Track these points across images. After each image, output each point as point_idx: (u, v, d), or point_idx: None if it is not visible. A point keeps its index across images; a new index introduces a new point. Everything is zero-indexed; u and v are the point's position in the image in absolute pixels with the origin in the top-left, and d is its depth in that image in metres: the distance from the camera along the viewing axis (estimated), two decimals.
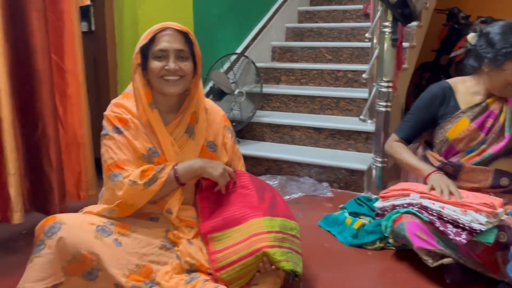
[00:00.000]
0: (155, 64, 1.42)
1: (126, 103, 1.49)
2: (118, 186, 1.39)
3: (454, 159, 1.74)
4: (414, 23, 3.24)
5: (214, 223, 1.44)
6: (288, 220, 1.46)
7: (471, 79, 1.78)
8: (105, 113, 1.49)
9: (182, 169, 1.44)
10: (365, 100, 2.87)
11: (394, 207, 1.67)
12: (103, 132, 1.48)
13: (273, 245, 1.33)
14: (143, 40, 1.43)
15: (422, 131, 1.87)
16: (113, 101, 1.51)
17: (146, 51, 1.44)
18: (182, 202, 1.48)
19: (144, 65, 1.45)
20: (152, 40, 1.42)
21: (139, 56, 1.44)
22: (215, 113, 1.61)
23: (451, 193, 1.56)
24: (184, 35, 1.45)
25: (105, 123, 1.48)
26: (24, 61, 1.72)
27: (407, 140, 1.87)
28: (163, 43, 1.42)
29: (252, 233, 1.37)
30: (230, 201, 1.49)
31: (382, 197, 1.76)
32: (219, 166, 1.48)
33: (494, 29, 1.66)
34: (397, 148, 1.86)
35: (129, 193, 1.39)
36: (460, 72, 1.84)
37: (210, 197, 1.51)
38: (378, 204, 1.77)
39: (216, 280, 1.36)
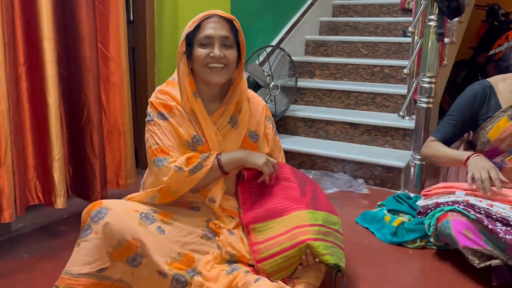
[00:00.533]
0: (200, 52, 1.41)
1: (171, 90, 1.49)
2: (164, 171, 1.39)
3: (498, 160, 1.68)
4: (455, 18, 3.14)
5: (256, 213, 1.43)
6: (330, 215, 1.44)
7: (509, 77, 1.73)
8: (150, 99, 1.49)
9: (226, 159, 1.44)
10: (403, 96, 2.81)
11: (437, 205, 1.63)
12: (147, 118, 1.48)
13: (317, 238, 1.32)
14: (188, 27, 1.42)
15: (462, 133, 1.82)
16: (158, 88, 1.52)
17: (191, 39, 1.43)
18: (224, 191, 1.48)
19: (189, 54, 1.44)
20: (198, 28, 1.41)
21: (184, 44, 1.44)
22: (257, 103, 1.59)
23: (492, 185, 1.50)
24: (230, 22, 1.44)
25: (150, 109, 1.48)
26: (72, 47, 1.75)
27: (445, 142, 1.81)
28: (209, 29, 1.40)
29: (295, 225, 1.35)
30: (272, 193, 1.48)
31: (425, 195, 1.72)
32: (263, 156, 1.47)
33: None
34: (434, 145, 1.80)
35: (174, 178, 1.39)
36: (499, 71, 1.78)
37: (252, 188, 1.50)
38: (421, 202, 1.72)
39: (257, 272, 1.36)
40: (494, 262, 1.45)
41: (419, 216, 1.76)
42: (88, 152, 1.80)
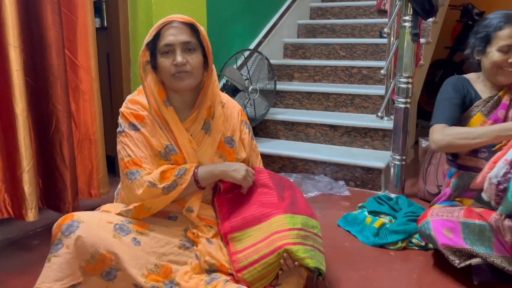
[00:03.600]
0: (164, 62, 1.37)
1: (141, 99, 1.44)
2: (136, 184, 1.35)
3: (482, 154, 1.68)
4: (430, 19, 3.18)
5: (233, 223, 1.40)
6: (309, 218, 1.42)
7: (480, 74, 1.75)
8: (121, 109, 1.45)
9: (203, 175, 1.40)
10: (381, 97, 2.82)
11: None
12: (119, 129, 1.43)
13: (296, 242, 1.29)
14: (148, 37, 1.37)
15: (461, 114, 1.70)
16: (128, 97, 1.47)
17: (153, 48, 1.39)
18: (201, 200, 1.44)
19: (154, 63, 1.40)
20: (157, 36, 1.37)
21: (147, 54, 1.39)
22: (232, 107, 1.56)
23: None
24: (191, 26, 1.39)
25: (120, 120, 1.44)
26: (39, 56, 1.70)
27: (450, 123, 1.65)
28: (168, 37, 1.36)
29: (274, 230, 1.33)
30: (250, 200, 1.45)
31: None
32: (241, 169, 1.43)
33: (481, 20, 1.69)
34: (453, 130, 1.60)
35: (147, 194, 1.35)
36: (473, 70, 1.80)
37: (228, 198, 1.47)
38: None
39: (237, 281, 1.32)
40: (474, 261, 1.45)
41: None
42: (58, 163, 1.75)
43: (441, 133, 1.61)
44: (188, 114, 1.45)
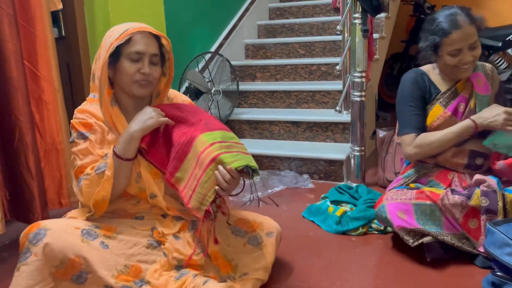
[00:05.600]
0: (130, 67, 1.40)
1: (89, 107, 1.47)
2: (80, 189, 1.38)
3: None
4: (382, 15, 3.32)
5: (169, 168, 1.40)
6: (226, 132, 1.42)
7: (435, 66, 1.81)
8: (71, 120, 1.47)
9: (120, 146, 1.38)
10: (340, 92, 2.93)
11: None
12: (70, 140, 1.46)
13: (221, 153, 1.31)
14: (119, 39, 1.37)
15: (425, 117, 1.76)
16: (77, 108, 1.49)
17: (115, 51, 1.39)
18: (165, 192, 1.46)
19: (110, 62, 1.40)
20: (128, 41, 1.40)
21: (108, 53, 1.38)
22: (182, 101, 1.60)
23: None
24: (158, 39, 1.45)
25: (71, 130, 1.46)
26: None
27: (420, 132, 1.74)
28: (141, 45, 1.40)
29: (199, 152, 1.34)
30: (173, 139, 1.43)
31: None
32: (149, 113, 1.40)
33: (429, 19, 1.74)
34: (424, 138, 1.71)
35: (87, 187, 1.36)
36: (428, 61, 1.86)
37: (156, 149, 1.45)
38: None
39: (191, 215, 1.37)
40: (426, 240, 1.56)
41: None
42: (24, 174, 1.76)
43: (413, 146, 1.72)
44: None
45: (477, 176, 1.66)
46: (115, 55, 1.40)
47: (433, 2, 4.60)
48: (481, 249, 1.53)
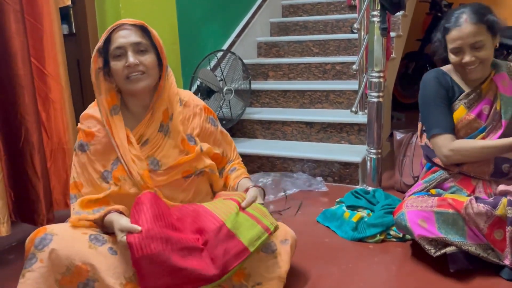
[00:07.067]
0: (117, 65, 1.37)
1: (95, 112, 1.44)
2: (71, 210, 1.39)
3: None
4: (399, 13, 3.22)
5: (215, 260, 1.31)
6: (228, 217, 1.34)
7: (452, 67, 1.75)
8: (78, 125, 1.47)
9: (107, 223, 1.34)
10: (355, 92, 2.85)
11: None
12: (74, 146, 1.47)
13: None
14: (99, 42, 1.37)
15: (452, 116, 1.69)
16: (83, 113, 1.47)
17: (106, 55, 1.38)
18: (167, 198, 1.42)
19: (109, 70, 1.40)
20: (108, 41, 1.37)
21: (99, 60, 1.39)
22: (195, 106, 1.54)
23: None
24: (141, 28, 1.40)
25: (78, 135, 1.47)
26: (4, 65, 1.65)
27: (453, 131, 1.67)
28: (119, 39, 1.36)
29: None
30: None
31: None
32: (122, 227, 1.28)
33: (446, 15, 1.70)
34: (464, 143, 1.63)
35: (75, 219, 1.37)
36: (444, 61, 1.80)
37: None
38: None
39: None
40: (449, 250, 1.48)
41: None
42: (30, 174, 1.71)
43: (449, 148, 1.62)
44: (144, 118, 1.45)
45: (502, 187, 1.58)
46: (108, 62, 1.38)
47: (450, 0, 4.49)
48: (507, 261, 1.45)
